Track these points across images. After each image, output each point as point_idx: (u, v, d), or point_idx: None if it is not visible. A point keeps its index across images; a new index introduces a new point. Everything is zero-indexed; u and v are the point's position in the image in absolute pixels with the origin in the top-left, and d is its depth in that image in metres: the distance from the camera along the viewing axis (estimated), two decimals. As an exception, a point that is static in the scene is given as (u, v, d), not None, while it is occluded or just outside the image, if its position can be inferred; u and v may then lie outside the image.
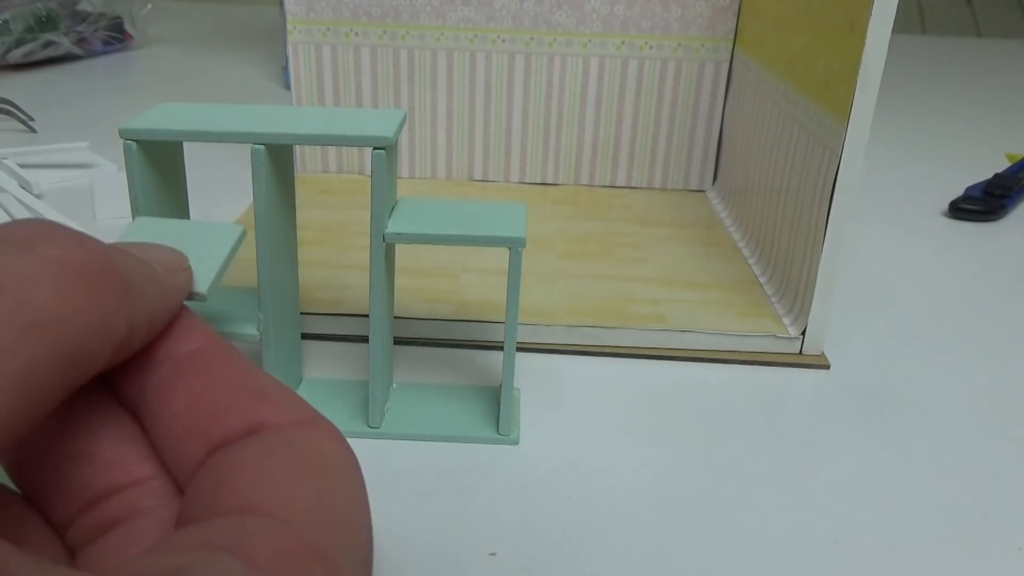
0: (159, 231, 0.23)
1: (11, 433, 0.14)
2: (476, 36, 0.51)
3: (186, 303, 0.19)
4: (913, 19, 1.30)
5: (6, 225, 0.15)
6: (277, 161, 0.28)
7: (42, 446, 0.17)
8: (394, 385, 0.33)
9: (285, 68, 0.78)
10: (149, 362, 0.18)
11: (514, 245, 0.28)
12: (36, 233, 0.15)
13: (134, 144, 0.27)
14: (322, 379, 0.34)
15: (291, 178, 0.30)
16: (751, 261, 0.44)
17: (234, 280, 0.40)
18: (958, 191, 0.57)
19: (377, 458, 0.30)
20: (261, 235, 0.28)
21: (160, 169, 0.28)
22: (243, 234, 0.24)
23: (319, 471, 0.16)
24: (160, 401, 0.17)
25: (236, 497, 0.15)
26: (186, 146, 0.30)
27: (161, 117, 0.28)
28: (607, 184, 0.55)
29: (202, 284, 0.20)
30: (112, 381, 0.18)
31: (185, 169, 0.30)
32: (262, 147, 0.27)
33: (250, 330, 0.29)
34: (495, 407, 0.32)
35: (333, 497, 0.16)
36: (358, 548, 0.16)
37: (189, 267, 0.19)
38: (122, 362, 0.17)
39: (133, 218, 0.28)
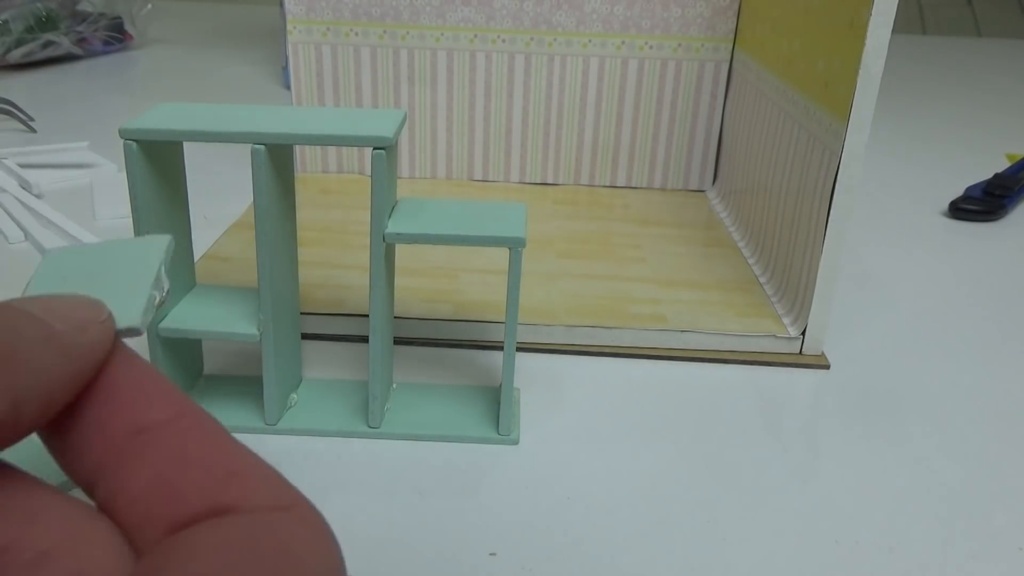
0: (74, 265, 0.20)
1: None
2: (476, 36, 0.51)
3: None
4: (913, 19, 1.30)
5: None
6: (277, 161, 0.28)
7: None
8: (394, 385, 0.33)
9: (285, 68, 0.78)
10: (106, 436, 0.16)
11: (514, 245, 0.28)
12: None
13: (134, 144, 0.27)
14: (322, 379, 0.34)
15: (291, 178, 0.30)
16: (751, 261, 0.44)
17: (234, 280, 0.40)
18: (958, 191, 0.57)
19: (377, 458, 0.30)
20: (261, 235, 0.28)
21: (160, 169, 0.28)
22: (171, 245, 0.21)
23: (279, 564, 0.14)
24: (119, 482, 0.15)
25: None
26: (186, 146, 0.30)
27: (161, 117, 0.28)
28: (607, 184, 0.55)
29: (131, 318, 0.18)
30: (65, 458, 0.16)
31: (185, 169, 0.30)
32: (262, 147, 0.27)
33: (250, 330, 0.29)
34: (495, 407, 0.32)
35: None
36: None
37: (108, 317, 0.17)
38: (74, 437, 0.16)
39: (134, 218, 0.28)
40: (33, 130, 0.63)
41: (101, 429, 0.16)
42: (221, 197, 0.48)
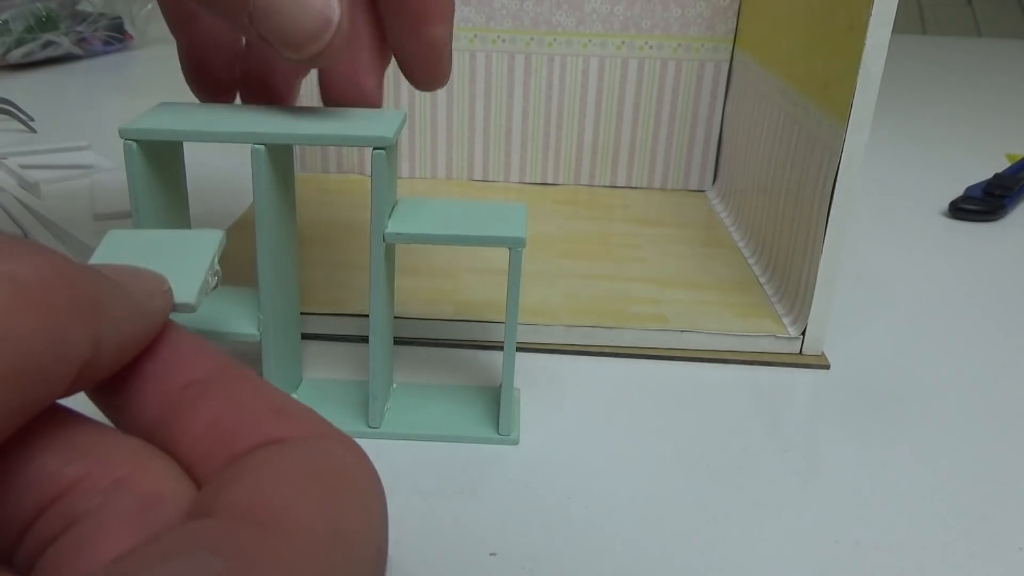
0: (135, 244, 0.22)
1: None
2: (476, 36, 0.51)
3: (180, 322, 0.19)
4: (913, 19, 1.30)
5: None
6: (277, 161, 0.28)
7: None
8: (394, 385, 0.33)
9: (285, 68, 0.77)
10: (162, 390, 0.17)
11: (514, 245, 0.28)
12: None
13: (134, 144, 0.27)
14: (322, 379, 0.34)
15: (291, 178, 0.30)
16: (751, 261, 0.44)
17: (234, 280, 0.40)
18: (958, 191, 0.57)
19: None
20: (261, 235, 0.28)
21: (160, 169, 0.28)
22: (223, 240, 0.23)
23: (329, 480, 0.16)
24: (179, 427, 0.17)
25: (235, 496, 0.15)
26: (186, 146, 0.30)
27: (161, 117, 0.28)
28: (607, 184, 0.55)
29: (188, 294, 0.20)
30: (121, 415, 0.18)
31: (185, 169, 0.30)
32: (262, 147, 0.27)
33: (250, 330, 0.29)
34: (495, 407, 0.32)
35: (340, 507, 0.15)
36: (361, 563, 0.15)
37: (168, 289, 0.19)
38: (130, 394, 0.17)
39: (133, 219, 0.28)
40: (33, 130, 0.63)
41: (156, 384, 0.17)
42: (221, 197, 0.48)
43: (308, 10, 0.24)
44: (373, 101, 0.31)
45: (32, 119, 0.64)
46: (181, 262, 0.21)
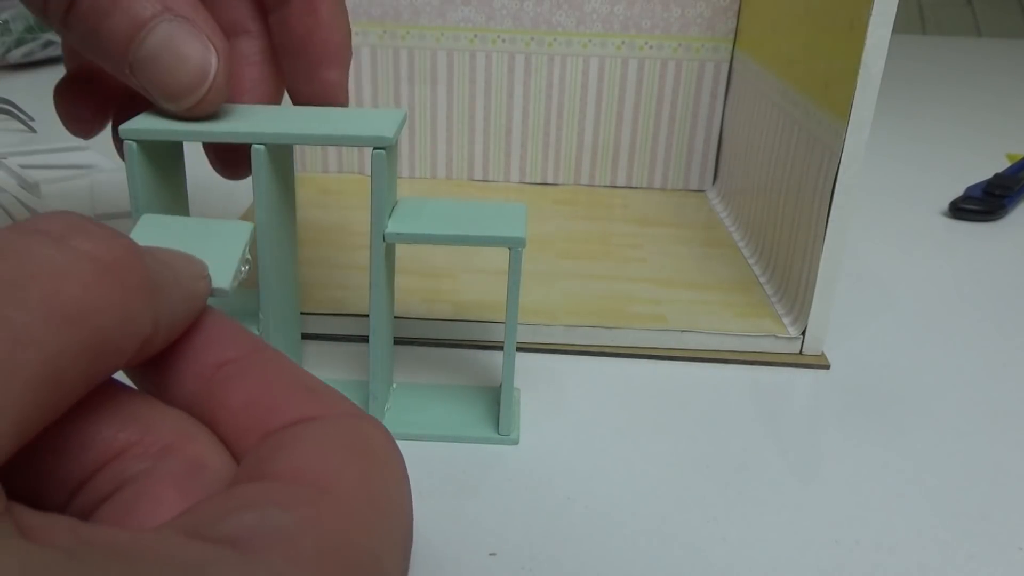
0: (170, 229, 0.23)
1: (33, 426, 0.14)
2: (476, 36, 0.51)
3: (214, 306, 0.20)
4: (913, 19, 1.30)
5: (38, 217, 0.16)
6: (277, 161, 0.28)
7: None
8: (394, 385, 0.33)
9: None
10: (200, 368, 0.18)
11: (514, 245, 0.28)
12: (68, 226, 0.15)
13: (134, 144, 0.27)
14: (322, 379, 0.34)
15: (291, 178, 0.30)
16: (751, 261, 0.44)
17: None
18: (958, 191, 0.57)
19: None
20: (261, 235, 0.28)
21: (160, 169, 0.28)
22: (254, 230, 0.24)
23: (366, 454, 0.17)
24: (217, 400, 0.18)
25: (284, 464, 0.16)
26: (186, 146, 0.30)
27: (161, 117, 0.28)
28: (607, 184, 0.55)
29: (223, 280, 0.21)
30: (161, 392, 0.18)
31: (185, 169, 0.30)
32: (262, 147, 0.27)
33: (250, 329, 0.29)
34: (495, 407, 0.32)
35: (379, 478, 0.17)
36: (399, 529, 0.17)
37: (208, 276, 0.20)
38: (170, 372, 0.18)
39: (133, 218, 0.28)
40: (33, 130, 0.63)
41: (195, 363, 0.18)
42: (221, 197, 0.48)
43: (185, 64, 0.25)
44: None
45: (32, 119, 0.64)
46: (215, 249, 0.21)
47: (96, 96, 0.29)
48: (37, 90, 0.75)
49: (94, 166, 0.56)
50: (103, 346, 0.15)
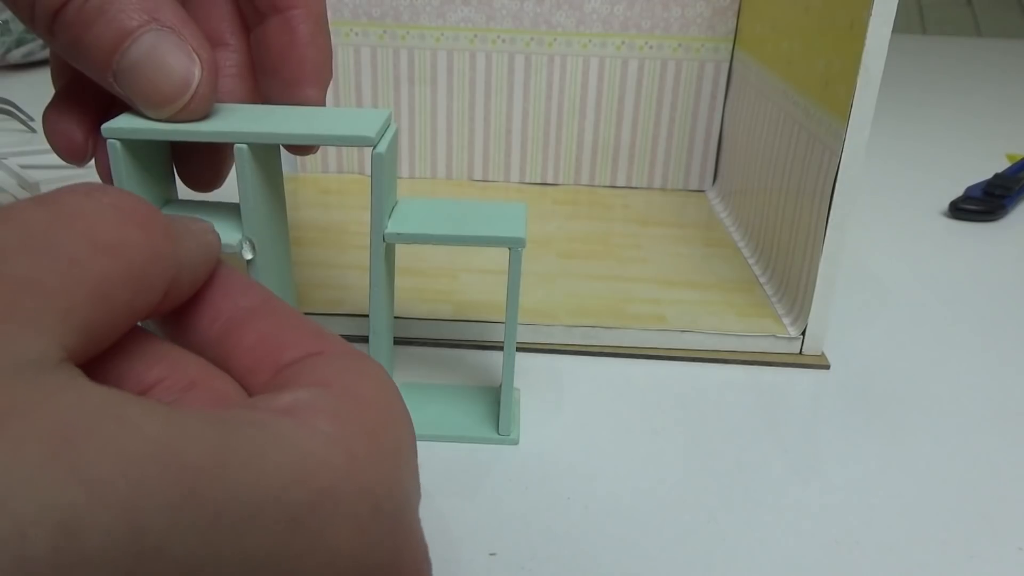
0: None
1: (89, 346, 0.16)
2: (476, 36, 0.51)
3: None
4: (913, 19, 1.30)
5: (60, 188, 0.18)
6: (261, 160, 0.28)
7: None
8: (394, 385, 0.33)
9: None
10: (218, 312, 0.20)
11: (514, 245, 0.28)
12: (89, 186, 0.18)
13: (118, 143, 0.26)
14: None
15: (278, 176, 0.30)
16: (751, 261, 0.44)
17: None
18: (958, 191, 0.57)
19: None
20: (249, 235, 0.28)
21: (147, 168, 0.28)
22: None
23: (374, 376, 0.19)
24: (232, 341, 0.20)
25: (308, 378, 0.18)
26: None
27: (144, 116, 0.28)
28: (607, 184, 0.55)
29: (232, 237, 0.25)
30: (183, 337, 0.20)
31: (173, 167, 0.30)
32: (245, 146, 0.27)
33: None
34: (495, 407, 0.32)
35: (389, 393, 0.19)
36: (410, 436, 0.19)
37: (214, 229, 0.21)
38: (191, 317, 0.20)
39: None
40: (33, 130, 0.63)
41: (213, 308, 0.20)
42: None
43: (168, 73, 0.25)
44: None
45: (32, 119, 0.64)
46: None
47: (86, 115, 0.29)
48: (37, 90, 0.75)
49: (94, 166, 0.56)
50: (139, 277, 0.17)
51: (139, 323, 0.19)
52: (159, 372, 0.19)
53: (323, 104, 0.31)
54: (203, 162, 0.31)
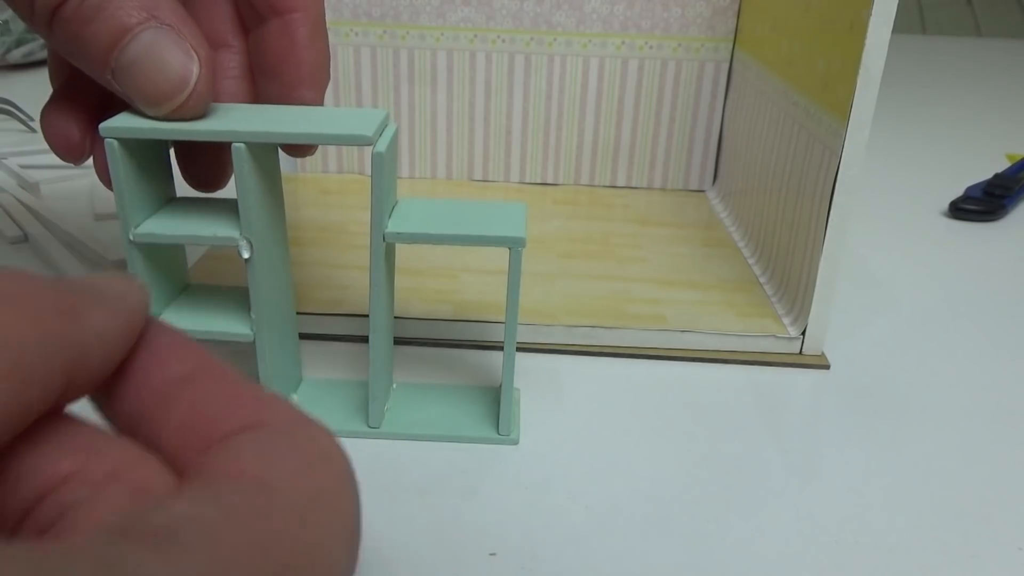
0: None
1: None
2: (476, 36, 0.51)
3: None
4: (913, 19, 1.30)
5: None
6: (259, 159, 0.28)
7: None
8: (394, 385, 0.33)
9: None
10: (144, 386, 0.18)
11: (514, 245, 0.28)
12: None
13: (115, 142, 0.26)
14: (322, 379, 0.34)
15: (277, 176, 0.30)
16: (751, 261, 0.44)
17: (235, 280, 0.40)
18: (958, 191, 0.57)
19: (377, 458, 0.30)
20: (248, 234, 0.28)
21: (146, 167, 0.28)
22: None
23: (309, 454, 0.17)
24: (161, 416, 0.18)
25: (222, 466, 0.16)
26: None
27: (141, 115, 0.28)
28: (607, 184, 0.55)
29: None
30: (111, 411, 0.19)
31: (171, 167, 0.30)
32: (243, 145, 0.27)
33: (243, 330, 0.29)
34: (495, 407, 0.32)
35: (321, 475, 0.17)
36: (343, 525, 0.16)
37: (144, 285, 0.20)
38: (120, 390, 0.18)
39: (120, 217, 0.28)
40: (33, 130, 0.63)
41: (139, 380, 0.18)
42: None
43: (165, 70, 0.25)
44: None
45: (32, 119, 0.64)
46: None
47: (84, 113, 0.29)
48: (37, 90, 0.75)
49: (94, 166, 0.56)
50: (26, 372, 0.15)
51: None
52: (73, 463, 0.17)
53: (320, 106, 0.31)
54: (208, 162, 0.31)
